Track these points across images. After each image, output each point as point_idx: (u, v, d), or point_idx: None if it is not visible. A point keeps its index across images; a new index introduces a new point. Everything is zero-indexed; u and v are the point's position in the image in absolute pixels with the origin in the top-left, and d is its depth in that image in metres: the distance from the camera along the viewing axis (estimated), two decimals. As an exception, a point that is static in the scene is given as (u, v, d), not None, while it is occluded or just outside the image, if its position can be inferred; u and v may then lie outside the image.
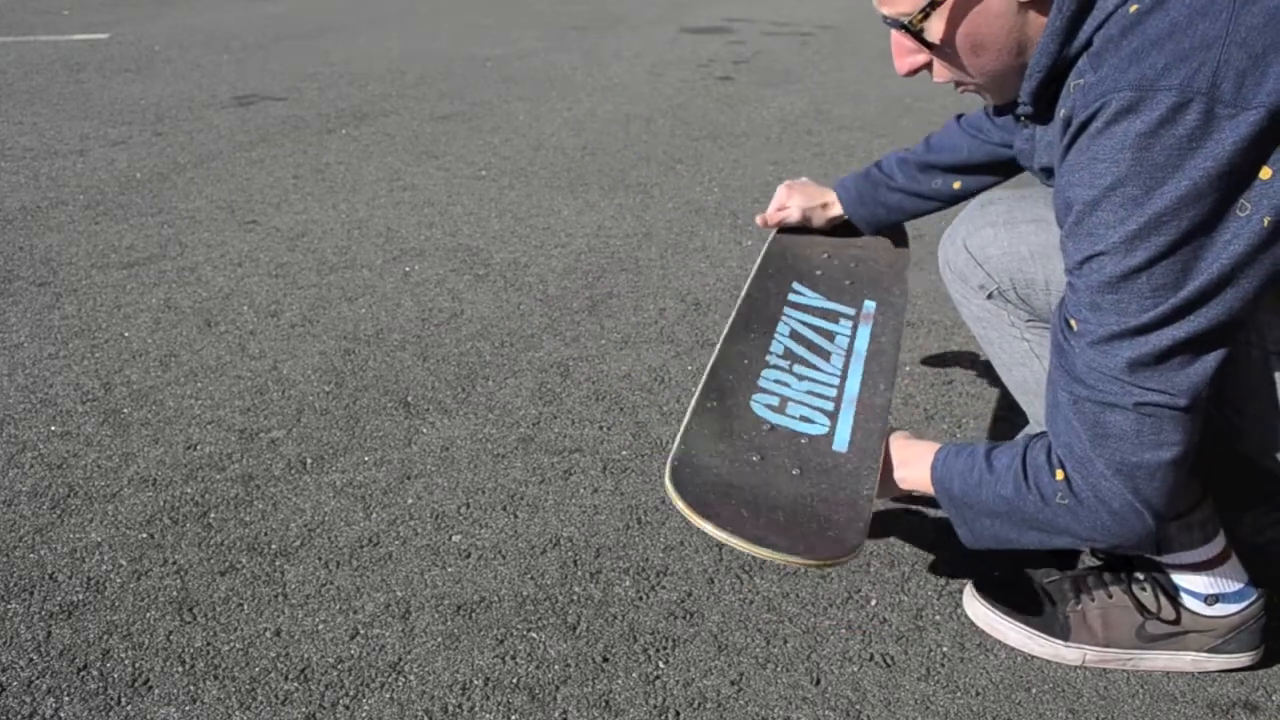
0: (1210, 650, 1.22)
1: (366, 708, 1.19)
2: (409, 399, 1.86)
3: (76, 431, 1.75)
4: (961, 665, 1.26)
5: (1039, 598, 1.27)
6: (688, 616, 1.33)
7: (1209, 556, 1.18)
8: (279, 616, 1.32)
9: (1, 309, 2.22)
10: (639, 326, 2.16)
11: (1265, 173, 0.88)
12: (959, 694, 1.21)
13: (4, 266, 2.45)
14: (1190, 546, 1.17)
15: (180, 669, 1.24)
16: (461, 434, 1.75)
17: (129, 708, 1.18)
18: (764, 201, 2.96)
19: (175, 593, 1.36)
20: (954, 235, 1.27)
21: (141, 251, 2.55)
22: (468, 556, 1.45)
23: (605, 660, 1.26)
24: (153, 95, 4.24)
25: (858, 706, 1.19)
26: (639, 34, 5.99)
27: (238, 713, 1.18)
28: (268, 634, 1.29)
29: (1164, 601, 1.21)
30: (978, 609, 1.30)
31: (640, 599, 1.36)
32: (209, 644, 1.28)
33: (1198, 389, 0.94)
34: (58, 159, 3.33)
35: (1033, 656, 1.25)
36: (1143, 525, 0.99)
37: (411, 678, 1.23)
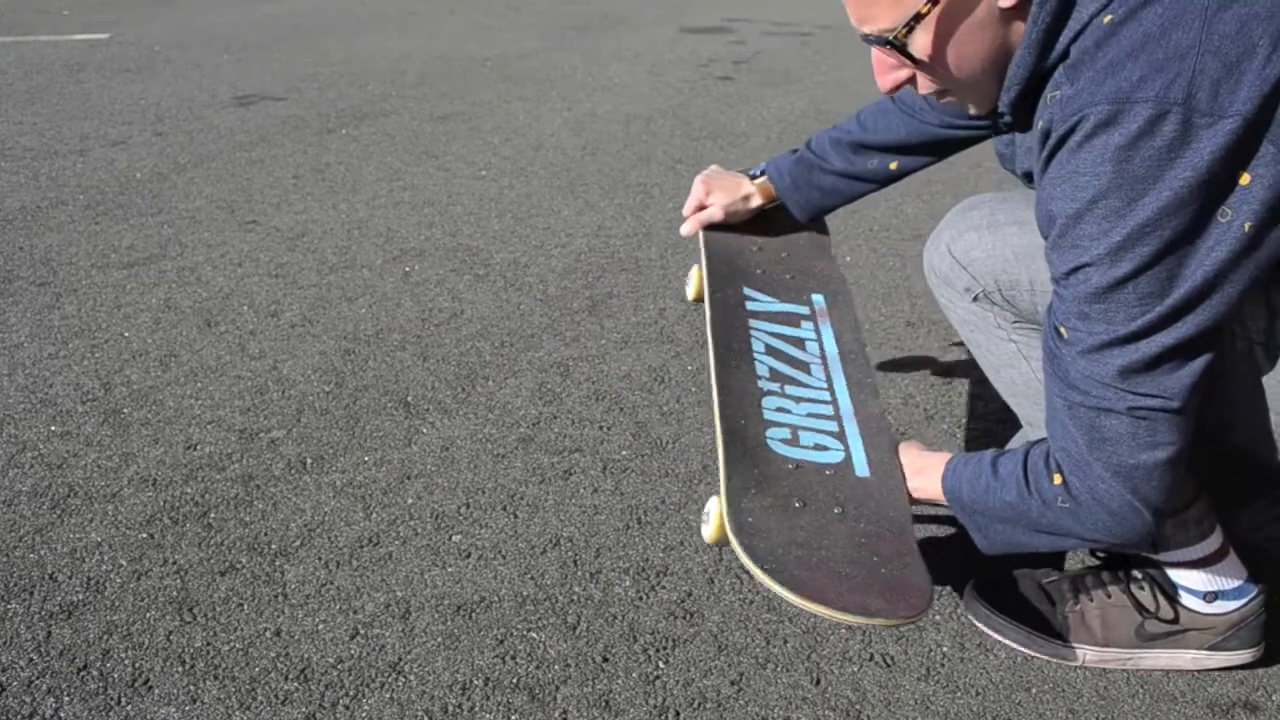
0: (1210, 648, 1.22)
1: (366, 708, 1.19)
2: (409, 399, 1.86)
3: (76, 431, 1.75)
4: (961, 665, 1.26)
5: (1039, 598, 1.27)
6: (688, 616, 1.33)
7: (1207, 553, 1.18)
8: (279, 616, 1.32)
9: (1, 309, 2.22)
10: (639, 326, 2.16)
11: (1244, 179, 0.89)
12: (959, 694, 1.21)
13: (4, 266, 2.45)
14: (1187, 544, 1.17)
15: (180, 669, 1.24)
16: (461, 434, 1.75)
17: (129, 708, 1.18)
18: (764, 201, 2.96)
19: (175, 593, 1.36)
20: (938, 240, 1.27)
21: (141, 251, 2.55)
22: (468, 556, 1.45)
23: (605, 660, 1.26)
24: (153, 95, 4.24)
25: (858, 706, 1.19)
26: (639, 34, 5.99)
27: (238, 713, 1.18)
28: (268, 634, 1.29)
29: (1162, 601, 1.21)
30: (978, 609, 1.30)
31: (640, 599, 1.36)
32: (209, 644, 1.28)
33: (1189, 391, 0.96)
34: (58, 159, 3.33)
35: (1033, 656, 1.25)
36: (1143, 523, 1.01)
37: (411, 678, 1.23)
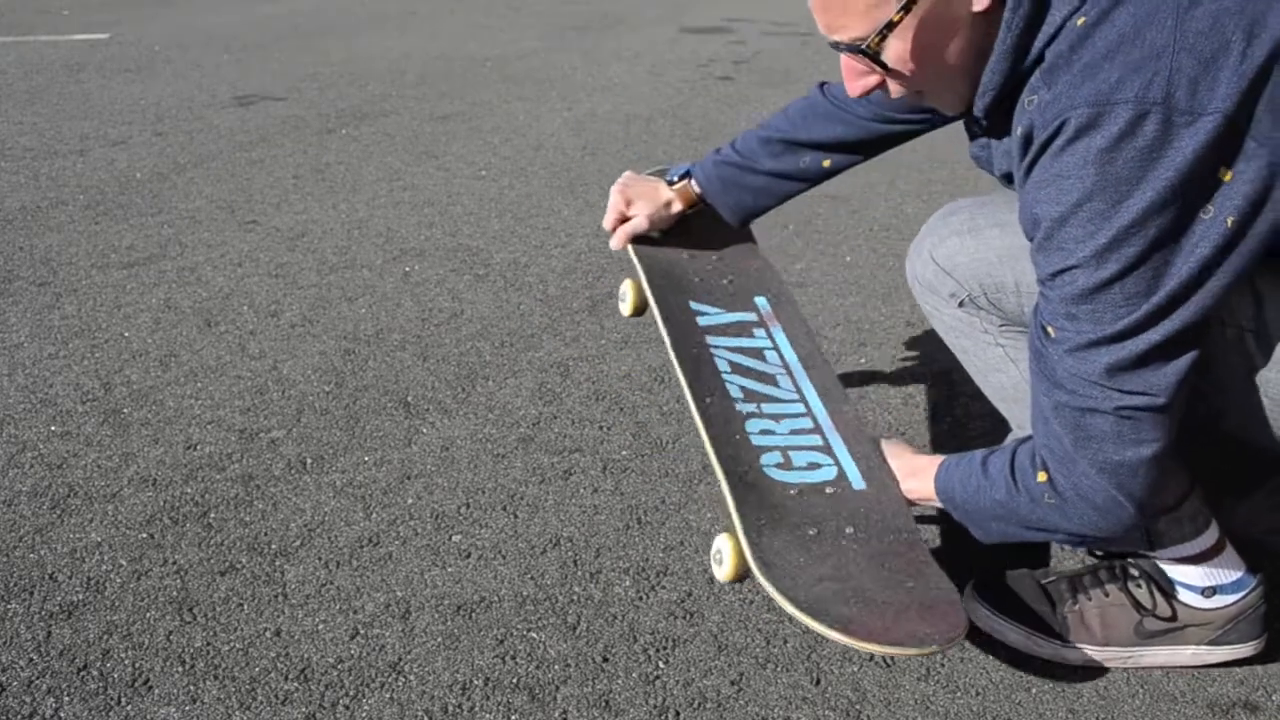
0: (1211, 643, 1.22)
1: (366, 708, 1.19)
2: (409, 399, 1.86)
3: (76, 431, 1.75)
4: (961, 665, 1.26)
5: (1038, 599, 1.27)
6: (688, 616, 1.33)
7: (1203, 548, 1.19)
8: (279, 616, 1.32)
9: (1, 309, 2.22)
10: (639, 326, 2.16)
11: (1225, 175, 0.90)
12: (959, 694, 1.21)
13: (4, 266, 2.45)
14: (1182, 540, 1.18)
15: (180, 669, 1.24)
16: (461, 434, 1.75)
17: (129, 708, 1.18)
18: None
19: (175, 593, 1.36)
20: (919, 248, 1.27)
21: (141, 251, 2.55)
22: (468, 556, 1.45)
23: (605, 660, 1.26)
24: (153, 95, 4.24)
25: (858, 706, 1.19)
26: (639, 34, 5.99)
27: (238, 713, 1.18)
28: (268, 634, 1.29)
29: (1159, 598, 1.22)
30: (977, 610, 1.30)
31: (640, 599, 1.36)
32: (209, 644, 1.28)
33: (1176, 387, 0.97)
34: (58, 159, 3.33)
35: (1033, 656, 1.25)
36: (1128, 517, 1.02)
37: (411, 678, 1.23)
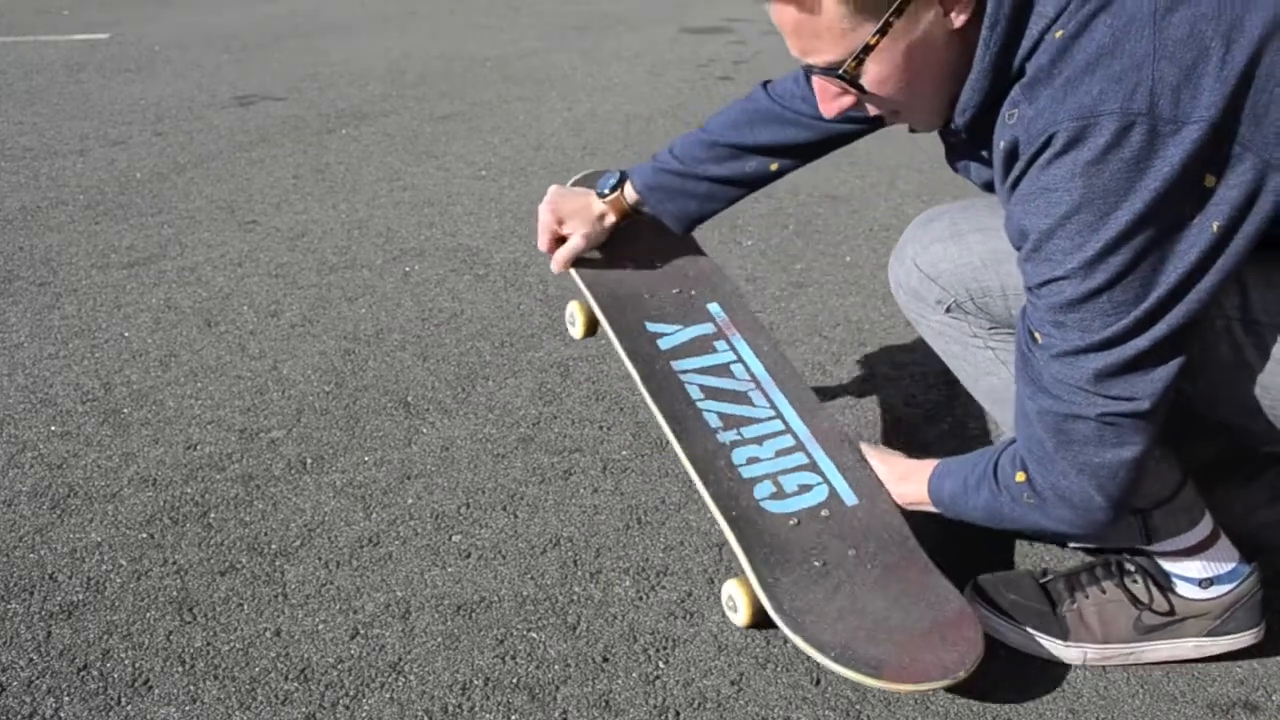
0: (1210, 633, 1.22)
1: (366, 708, 1.19)
2: (409, 399, 1.86)
3: (76, 431, 1.75)
4: (961, 665, 1.26)
5: (1037, 598, 1.27)
6: (688, 616, 1.33)
7: (1199, 540, 1.19)
8: (279, 616, 1.32)
9: (1, 309, 2.22)
10: (639, 326, 2.16)
11: (1210, 180, 0.91)
12: (959, 694, 1.20)
13: (4, 266, 2.45)
14: (1178, 532, 1.18)
15: (180, 669, 1.24)
16: (461, 434, 1.75)
17: (129, 708, 1.18)
18: (765, 203, 2.96)
19: (175, 593, 1.36)
20: (901, 256, 1.27)
21: (141, 251, 2.55)
22: (468, 556, 1.45)
23: (605, 660, 1.26)
24: (153, 95, 4.24)
25: (858, 706, 1.19)
26: (639, 34, 5.99)
27: (238, 713, 1.18)
28: (268, 634, 1.29)
29: (1156, 592, 1.22)
30: (977, 610, 1.29)
31: (640, 599, 1.36)
32: (209, 644, 1.28)
33: (1161, 393, 0.98)
34: (58, 159, 3.33)
35: (1033, 656, 1.25)
36: (1105, 518, 1.04)
37: (411, 678, 1.23)
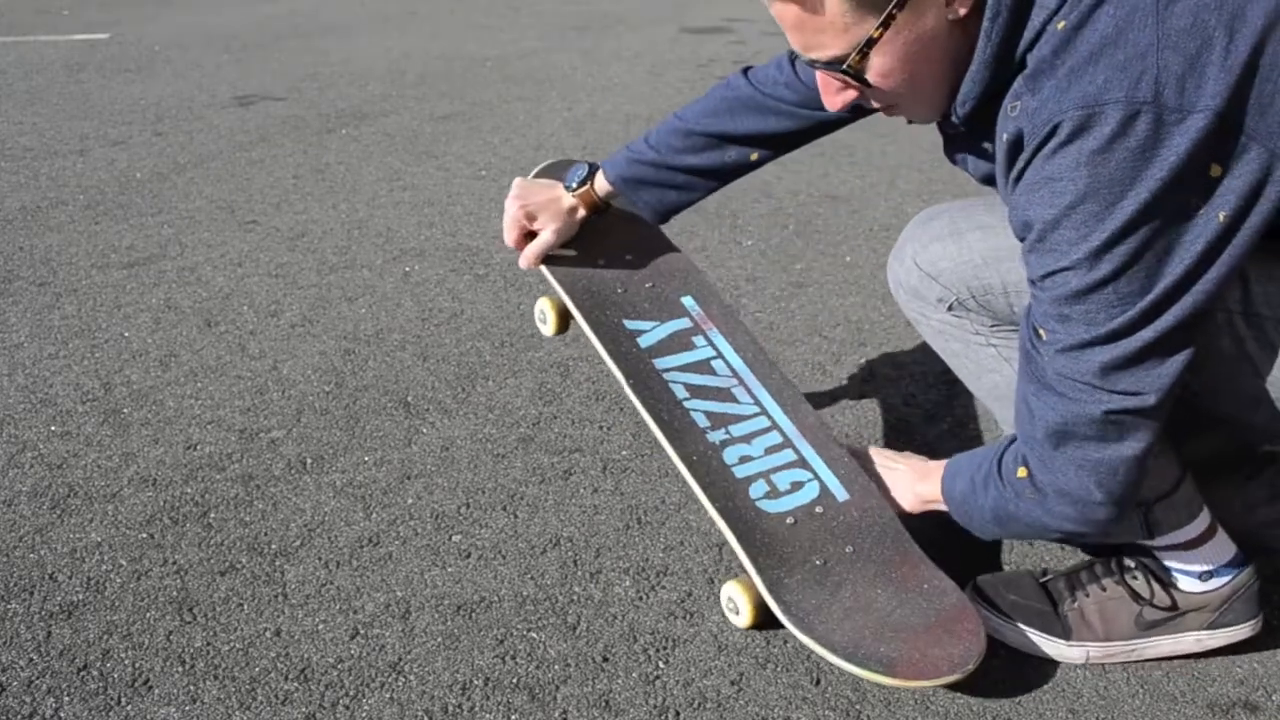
0: (1210, 626, 1.22)
1: (366, 708, 1.19)
2: (409, 399, 1.86)
3: (76, 431, 1.75)
4: (961, 665, 1.26)
5: (1038, 598, 1.27)
6: (688, 616, 1.33)
7: (1198, 533, 1.19)
8: (279, 616, 1.32)
9: (1, 309, 2.22)
10: (639, 326, 2.16)
11: (1215, 170, 0.90)
12: (959, 694, 1.21)
13: (4, 266, 2.45)
14: (1178, 525, 1.18)
15: (180, 669, 1.24)
16: (461, 434, 1.75)
17: (129, 708, 1.18)
18: (765, 203, 2.96)
19: (175, 593, 1.36)
20: (901, 255, 1.26)
21: (141, 251, 2.55)
22: (468, 556, 1.45)
23: (605, 660, 1.26)
24: (153, 95, 4.24)
25: (858, 706, 1.19)
26: (639, 34, 5.99)
27: (238, 713, 1.18)
28: (268, 634, 1.29)
29: (1157, 587, 1.22)
30: (978, 610, 1.29)
31: (640, 599, 1.36)
32: (209, 644, 1.28)
33: (1167, 387, 0.97)
34: (58, 159, 3.33)
35: (1032, 656, 1.25)
36: (1106, 515, 1.04)
37: (411, 678, 1.23)
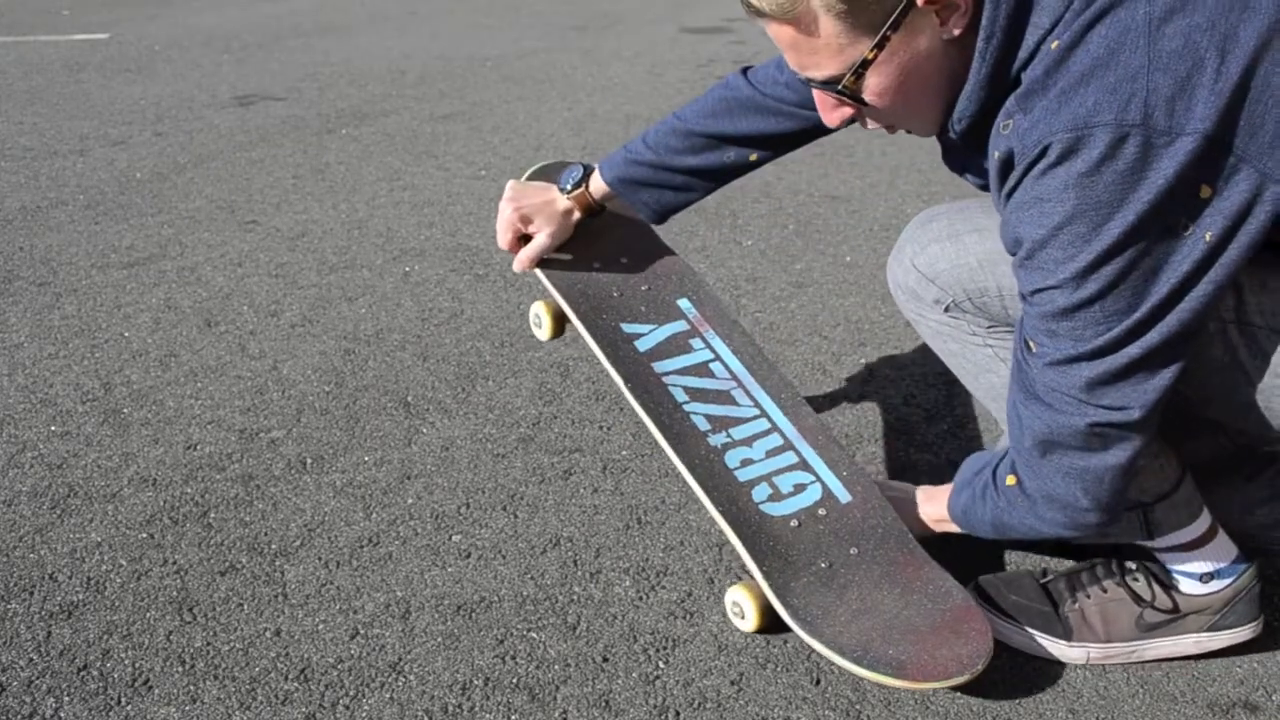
0: (1211, 629, 1.22)
1: (366, 708, 1.19)
2: (409, 399, 1.86)
3: (76, 431, 1.75)
4: (961, 665, 1.26)
5: (1039, 599, 1.27)
6: (688, 616, 1.33)
7: (1199, 534, 1.20)
8: (279, 616, 1.32)
9: (1, 309, 2.22)
10: (639, 326, 2.16)
11: (1204, 191, 0.91)
12: (959, 694, 1.21)
13: (4, 266, 2.45)
14: (1179, 526, 1.19)
15: (180, 669, 1.24)
16: (461, 434, 1.75)
17: (129, 708, 1.18)
18: (765, 203, 2.96)
19: (175, 593, 1.36)
20: (900, 256, 1.28)
21: (141, 251, 2.55)
22: (468, 556, 1.45)
23: (605, 660, 1.26)
24: (153, 95, 4.24)
25: (858, 707, 1.19)
26: (639, 34, 5.99)
27: (238, 713, 1.18)
28: (268, 634, 1.29)
29: (1158, 589, 1.22)
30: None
31: (640, 599, 1.36)
32: (209, 644, 1.28)
33: (1153, 403, 0.99)
34: (58, 159, 3.33)
35: (1032, 656, 1.25)
36: (1094, 520, 1.06)
37: (411, 678, 1.23)
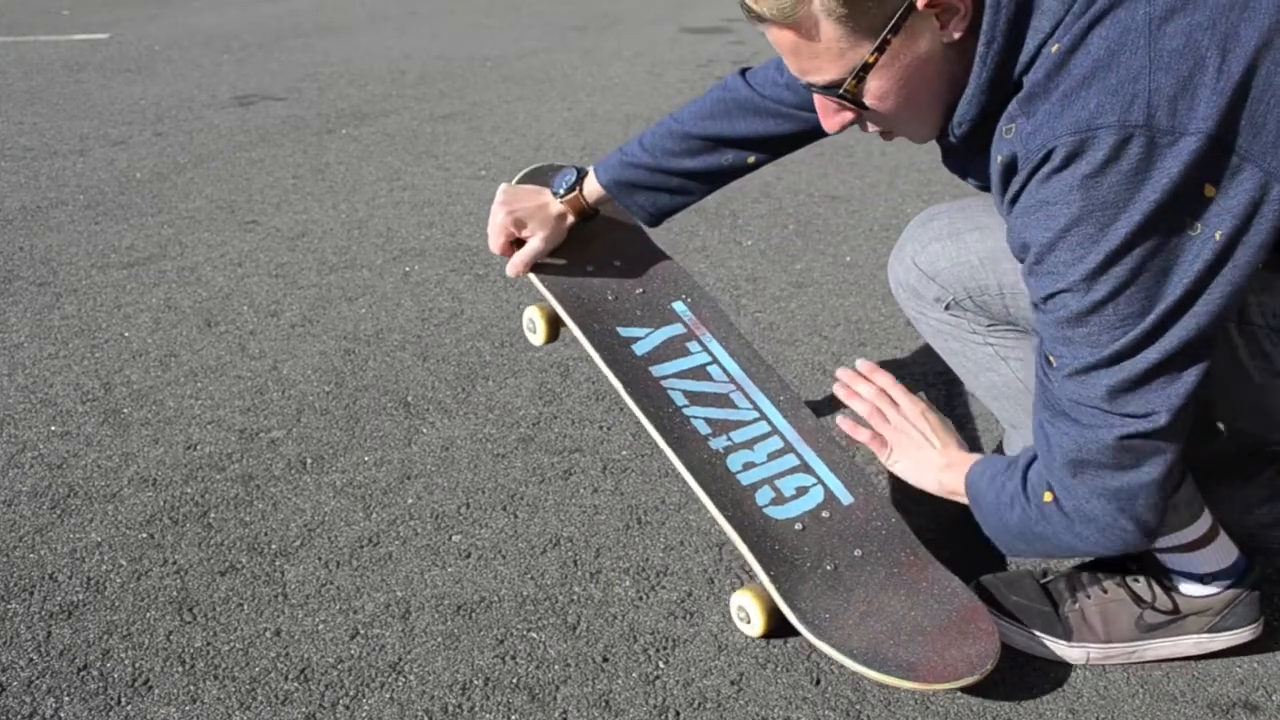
0: (1211, 630, 1.22)
1: (366, 708, 1.19)
2: (409, 399, 1.86)
3: (76, 431, 1.75)
4: (961, 665, 1.25)
5: (1039, 599, 1.27)
6: (688, 616, 1.33)
7: (1199, 535, 1.19)
8: (279, 616, 1.32)
9: (1, 309, 2.22)
10: (639, 326, 2.16)
11: (1209, 190, 0.90)
12: (959, 694, 1.21)
13: (4, 266, 2.45)
14: (1179, 527, 1.18)
15: (180, 669, 1.24)
16: (461, 434, 1.75)
17: (129, 708, 1.18)
18: (765, 203, 2.96)
19: (175, 593, 1.36)
20: (901, 254, 1.28)
21: (141, 251, 2.55)
22: (468, 556, 1.45)
23: (605, 660, 1.26)
24: (153, 95, 4.24)
25: (858, 707, 1.19)
26: (639, 34, 5.99)
27: (238, 713, 1.18)
28: (268, 634, 1.29)
29: (1158, 590, 1.22)
30: (980, 610, 1.29)
31: (640, 599, 1.36)
32: (209, 644, 1.28)
33: (1178, 406, 0.96)
34: (58, 159, 3.33)
35: (1032, 656, 1.25)
36: (1135, 538, 1.02)
37: (411, 678, 1.23)
